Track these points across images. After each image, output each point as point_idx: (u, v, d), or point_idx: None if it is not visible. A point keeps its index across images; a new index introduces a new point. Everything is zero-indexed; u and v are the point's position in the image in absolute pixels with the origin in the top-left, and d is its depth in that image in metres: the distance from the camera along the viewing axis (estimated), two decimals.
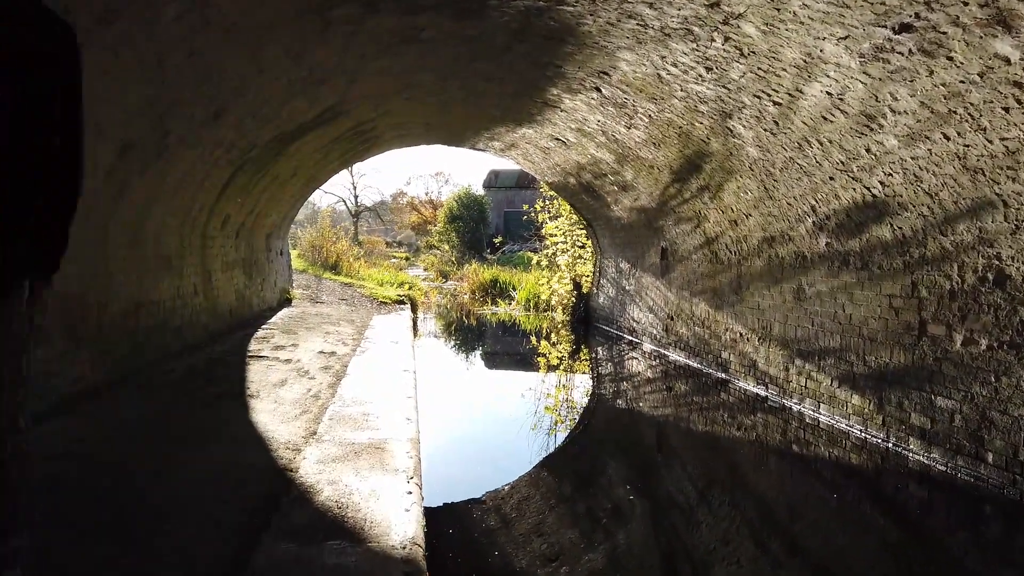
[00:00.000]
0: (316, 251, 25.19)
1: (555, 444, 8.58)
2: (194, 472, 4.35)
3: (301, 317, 12.65)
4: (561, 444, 8.61)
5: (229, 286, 10.59)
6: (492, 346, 16.62)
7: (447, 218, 41.31)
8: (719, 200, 9.94)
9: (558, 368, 13.45)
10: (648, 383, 11.97)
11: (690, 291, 11.94)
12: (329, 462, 4.58)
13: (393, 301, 16.71)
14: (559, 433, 9.09)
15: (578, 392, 11.70)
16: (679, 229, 11.95)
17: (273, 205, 12.54)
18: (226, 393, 6.43)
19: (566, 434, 9.05)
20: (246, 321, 11.34)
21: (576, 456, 8.12)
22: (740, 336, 10.20)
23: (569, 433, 9.16)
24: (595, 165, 12.68)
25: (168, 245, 8.02)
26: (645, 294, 14.11)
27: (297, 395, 6.53)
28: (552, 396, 11.24)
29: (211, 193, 8.91)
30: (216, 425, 5.43)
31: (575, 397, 11.38)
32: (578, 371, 13.40)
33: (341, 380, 7.28)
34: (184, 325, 8.44)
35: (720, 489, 7.14)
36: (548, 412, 10.08)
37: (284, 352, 8.80)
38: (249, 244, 11.87)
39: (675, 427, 9.53)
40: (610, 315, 16.43)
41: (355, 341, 10.14)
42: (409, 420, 5.75)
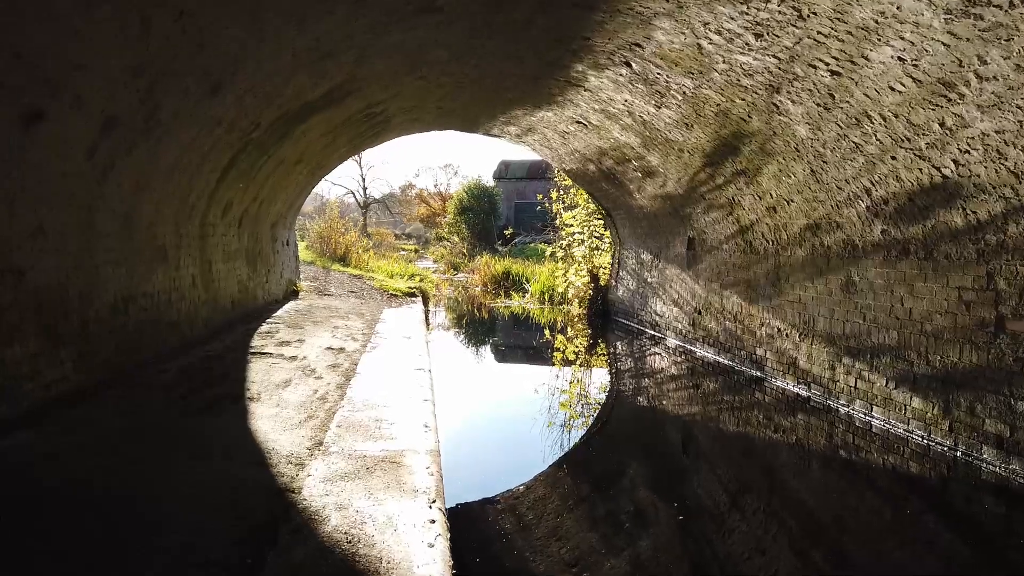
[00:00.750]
0: (324, 242, 24.61)
1: (578, 446, 7.93)
2: (179, 495, 3.71)
3: (308, 310, 12.03)
4: (585, 446, 7.96)
5: (231, 278, 9.97)
6: (508, 341, 15.96)
7: (457, 209, 40.60)
8: (756, 185, 9.22)
9: (577, 365, 12.79)
10: (673, 380, 11.30)
11: (720, 283, 11.24)
12: (337, 480, 3.94)
13: (404, 294, 16.08)
14: (581, 434, 8.44)
15: (599, 390, 11.04)
16: (709, 217, 11.23)
17: (278, 193, 11.90)
18: (223, 396, 5.80)
19: (590, 436, 8.40)
20: (250, 314, 10.73)
21: (602, 460, 7.47)
22: (778, 331, 9.50)
23: (592, 434, 8.50)
24: (618, 150, 11.97)
25: (163, 233, 7.39)
26: (669, 287, 13.42)
27: (302, 397, 5.89)
28: (572, 394, 10.58)
29: (210, 178, 8.28)
30: (210, 434, 4.80)
31: (596, 395, 10.71)
32: (598, 368, 12.73)
33: (351, 380, 6.65)
34: (181, 320, 7.82)
35: (754, 495, 6.50)
36: (568, 412, 9.42)
37: (289, 348, 8.17)
38: (253, 234, 11.24)
39: (704, 428, 8.88)
40: (630, 308, 15.74)
41: (365, 336, 9.51)
42: (427, 428, 5.10)
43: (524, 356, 13.92)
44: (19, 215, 4.72)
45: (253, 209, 10.85)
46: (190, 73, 5.82)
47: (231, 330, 9.26)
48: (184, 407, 5.40)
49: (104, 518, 3.39)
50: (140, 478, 3.92)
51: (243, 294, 10.54)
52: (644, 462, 7.57)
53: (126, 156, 5.86)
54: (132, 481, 3.87)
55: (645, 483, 6.81)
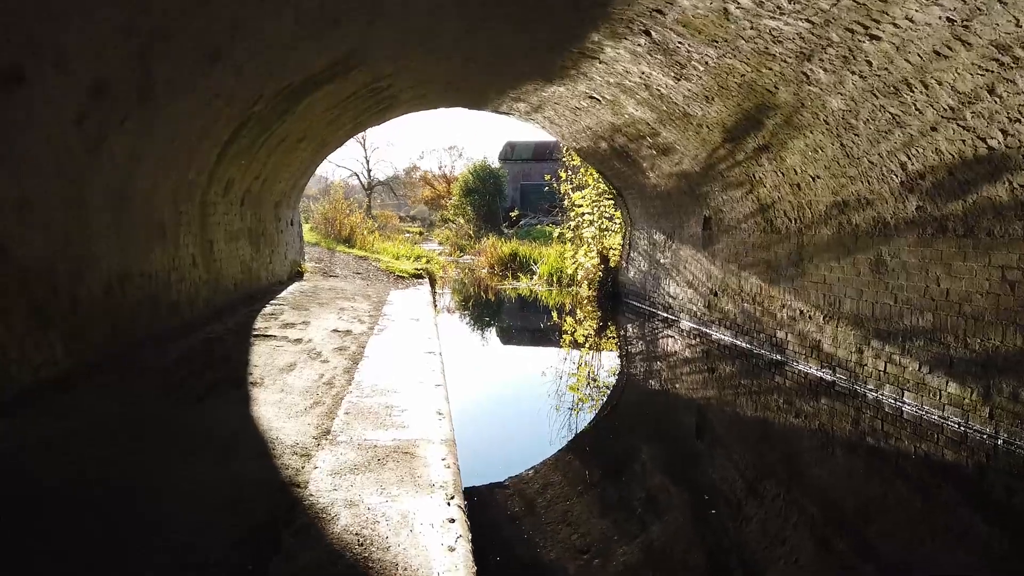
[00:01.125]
0: (329, 224, 24.23)
1: (591, 430, 7.63)
2: (176, 491, 3.40)
3: (313, 291, 11.71)
4: (599, 430, 7.66)
5: (234, 257, 9.64)
6: (517, 323, 15.63)
7: (462, 191, 40.16)
8: (780, 162, 8.83)
9: (588, 347, 12.47)
10: (687, 364, 10.98)
11: (738, 264, 10.87)
12: (346, 473, 3.62)
13: (410, 275, 15.75)
14: (593, 418, 8.13)
15: (610, 373, 10.73)
16: (726, 196, 10.85)
17: (282, 171, 11.54)
18: (224, 380, 5.48)
19: (602, 419, 8.09)
20: (253, 295, 10.41)
21: (615, 444, 7.16)
22: (800, 314, 9.15)
23: (604, 418, 8.20)
24: (632, 126, 11.56)
25: (161, 210, 7.05)
26: (683, 267, 13.05)
27: (308, 382, 5.58)
28: (583, 377, 10.27)
29: (210, 153, 7.92)
30: (209, 423, 4.48)
31: (608, 378, 10.40)
32: (609, 350, 12.41)
33: (358, 364, 6.33)
34: (181, 300, 7.50)
35: (774, 482, 6.25)
36: (579, 395, 9.12)
37: (294, 331, 7.85)
38: (256, 213, 10.90)
39: (719, 412, 8.61)
40: (642, 290, 15.38)
41: (372, 318, 9.18)
42: (441, 415, 4.78)
43: (534, 338, 13.60)
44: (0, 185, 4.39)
45: (256, 188, 10.50)
46: (185, 36, 5.45)
47: (234, 311, 8.95)
48: (183, 392, 5.09)
49: (89, 520, 3.07)
50: (134, 472, 3.61)
51: (246, 275, 10.22)
52: (658, 447, 7.31)
53: (119, 127, 5.51)
54: (125, 475, 3.56)
55: (660, 469, 6.54)
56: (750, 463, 6.79)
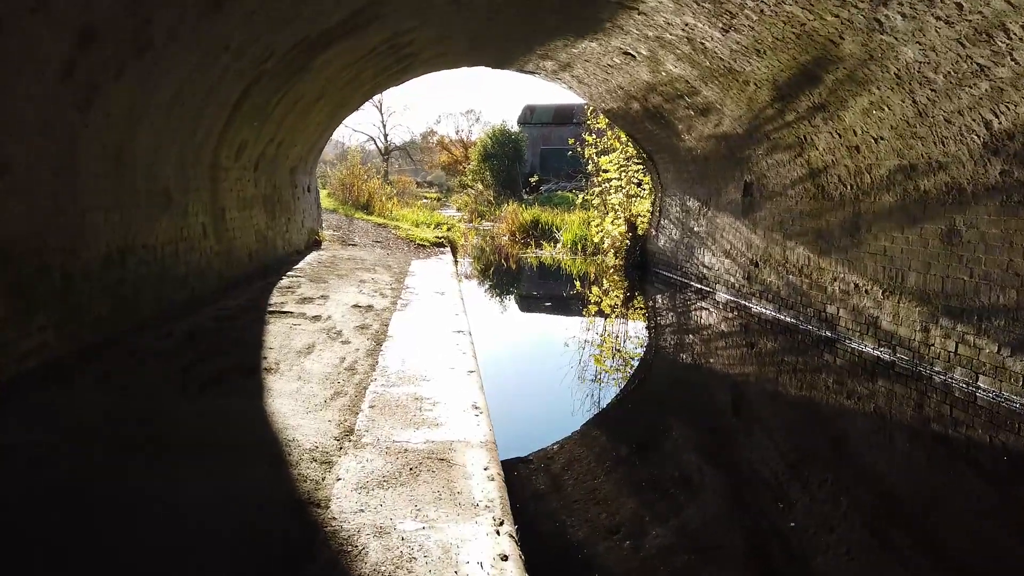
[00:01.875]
0: (347, 190, 23.66)
1: (624, 407, 7.07)
2: (165, 516, 2.86)
3: (332, 262, 11.17)
4: (632, 407, 7.10)
5: (248, 226, 9.09)
6: (542, 295, 15.02)
7: (480, 156, 39.29)
8: (837, 122, 8.08)
9: (618, 320, 11.88)
10: (724, 338, 10.37)
11: (783, 233, 10.17)
12: (374, 488, 3.07)
13: (431, 244, 15.17)
14: (625, 394, 7.56)
15: (643, 347, 10.14)
16: (772, 160, 10.10)
17: (298, 133, 10.92)
18: (235, 367, 4.95)
19: (635, 396, 7.54)
20: (269, 267, 9.89)
21: (649, 423, 6.60)
22: (855, 287, 8.47)
23: (636, 394, 7.66)
24: (670, 84, 10.79)
25: (166, 176, 6.48)
26: (720, 236, 12.35)
27: (327, 367, 5.04)
28: (615, 352, 9.70)
29: (220, 113, 7.32)
30: (216, 420, 3.95)
31: (640, 353, 9.82)
32: (640, 324, 11.82)
33: (382, 345, 5.78)
34: (190, 274, 6.97)
35: (822, 467, 5.72)
36: (611, 370, 8.55)
37: (312, 306, 7.32)
38: (271, 178, 10.32)
39: (760, 390, 8.06)
40: (672, 260, 14.70)
41: (394, 292, 8.63)
42: (477, 410, 4.22)
43: (561, 311, 12.99)
44: None
45: (270, 151, 9.90)
46: None
47: (248, 285, 8.42)
48: (187, 382, 4.56)
49: (58, 558, 2.55)
50: (121, 485, 3.09)
51: (261, 244, 9.68)
52: (694, 425, 6.80)
53: (114, 81, 4.91)
54: (110, 489, 3.04)
55: (695, 448, 6.03)
56: (794, 446, 6.27)
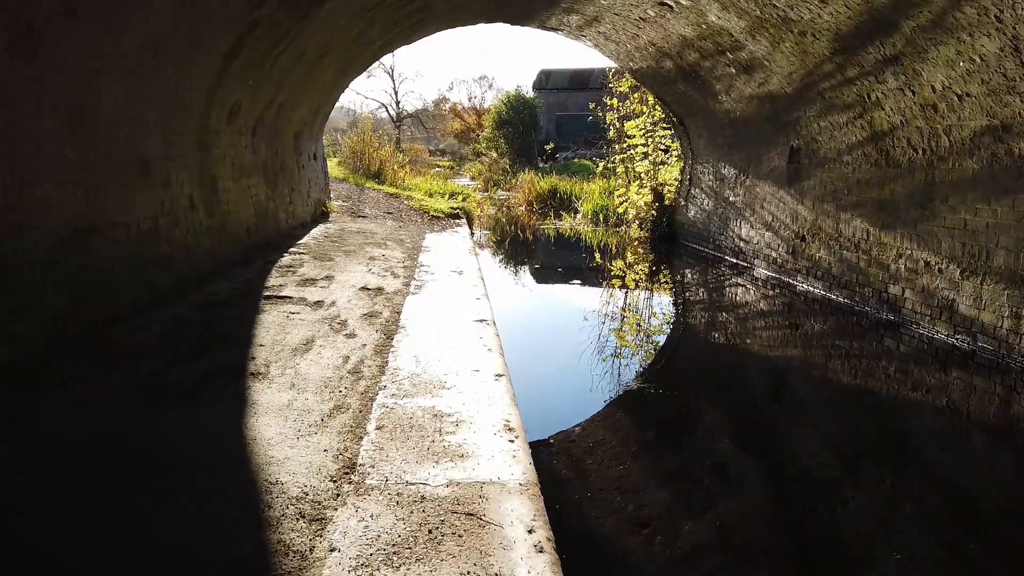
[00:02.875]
0: (357, 158, 22.67)
1: (653, 390, 6.22)
2: None
3: (339, 236, 10.31)
4: (660, 389, 6.24)
5: (245, 198, 8.22)
6: (564, 270, 14.06)
7: (495, 123, 38.13)
8: (912, 77, 7.05)
9: (649, 297, 10.98)
10: (763, 318, 9.51)
11: (836, 203, 9.18)
12: (379, 566, 2.23)
13: (446, 215, 14.27)
14: (657, 376, 6.70)
15: (674, 326, 9.26)
16: (825, 122, 9.07)
17: (302, 94, 9.98)
18: (217, 371, 4.10)
19: (667, 378, 6.67)
20: (270, 242, 9.03)
21: (683, 408, 5.76)
22: (925, 266, 7.51)
23: (670, 376, 6.80)
24: (710, 38, 9.74)
25: (141, 140, 5.59)
26: (760, 207, 11.36)
27: (327, 370, 4.20)
28: (647, 331, 8.83)
29: (208, 67, 6.41)
30: (186, 448, 3.11)
31: (671, 332, 8.96)
32: (671, 300, 10.93)
33: (392, 339, 4.93)
34: (175, 253, 6.12)
35: (880, 464, 5.03)
36: (642, 352, 7.67)
37: (314, 289, 6.47)
38: (271, 144, 9.41)
39: (805, 376, 7.39)
40: (704, 232, 13.72)
41: (407, 270, 7.77)
42: (511, 432, 3.36)
43: (585, 287, 12.04)
44: None
45: (270, 115, 8.99)
46: None
47: (245, 264, 7.57)
48: (158, 392, 3.72)
49: None
50: (51, 556, 2.26)
51: (261, 218, 8.82)
52: (733, 412, 6.11)
53: (63, 21, 4.01)
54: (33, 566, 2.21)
55: (734, 437, 5.39)
56: (847, 439, 5.53)
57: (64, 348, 4.32)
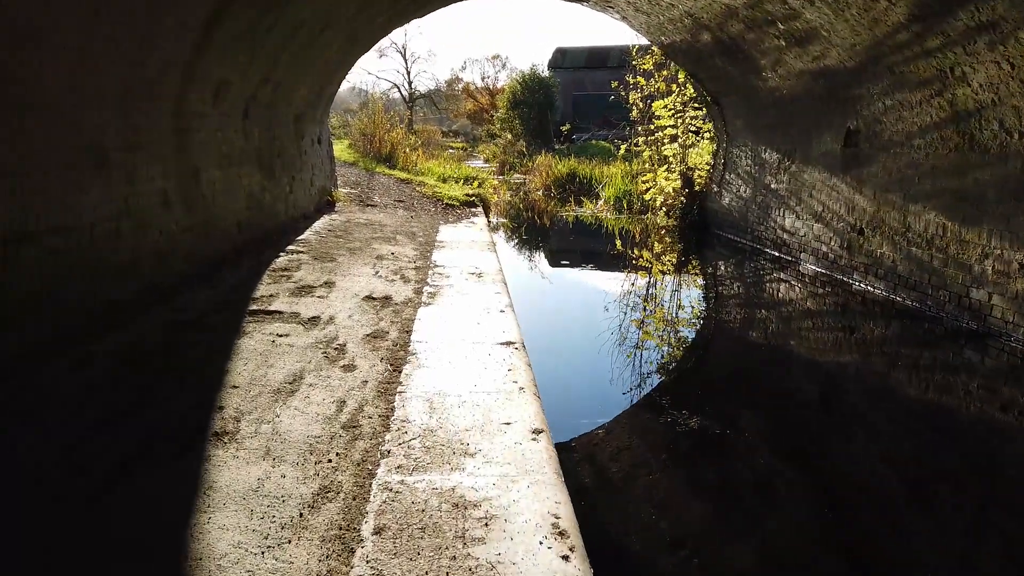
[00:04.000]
0: (368, 140, 21.64)
1: (694, 395, 5.25)
2: None
3: (345, 230, 9.34)
4: (699, 394, 5.27)
5: (235, 189, 7.25)
6: (587, 263, 13.02)
7: (509, 103, 36.85)
8: (1012, 46, 5.95)
9: (682, 293, 9.96)
10: (811, 318, 8.57)
11: (903, 193, 8.10)
12: None
13: (461, 203, 13.25)
14: (698, 381, 5.72)
15: (714, 327, 8.28)
16: (893, 100, 7.97)
17: (302, 72, 8.98)
18: (165, 432, 3.14)
19: (707, 382, 5.69)
20: (266, 238, 8.08)
21: (723, 414, 4.79)
22: (1020, 268, 6.46)
23: (711, 381, 5.81)
24: (759, 6, 8.63)
25: (96, 124, 4.61)
26: (808, 195, 10.27)
27: (316, 425, 3.25)
28: (680, 333, 7.82)
29: (182, 36, 5.42)
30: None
31: (710, 332, 7.98)
32: (708, 297, 9.92)
33: (401, 372, 3.98)
34: (141, 259, 5.15)
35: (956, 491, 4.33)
36: (681, 357, 6.69)
37: (310, 301, 5.52)
38: (268, 129, 8.44)
39: (863, 386, 6.43)
40: (740, 221, 12.65)
41: (419, 272, 6.81)
42: (565, 541, 2.39)
43: (610, 282, 11.02)
44: None
45: (265, 95, 8.00)
46: None
47: (233, 266, 6.62)
48: (76, 470, 2.78)
49: None
50: None
51: (255, 211, 7.86)
52: (777, 422, 5.41)
53: None
54: None
55: (787, 453, 4.77)
56: (915, 460, 4.78)
57: None
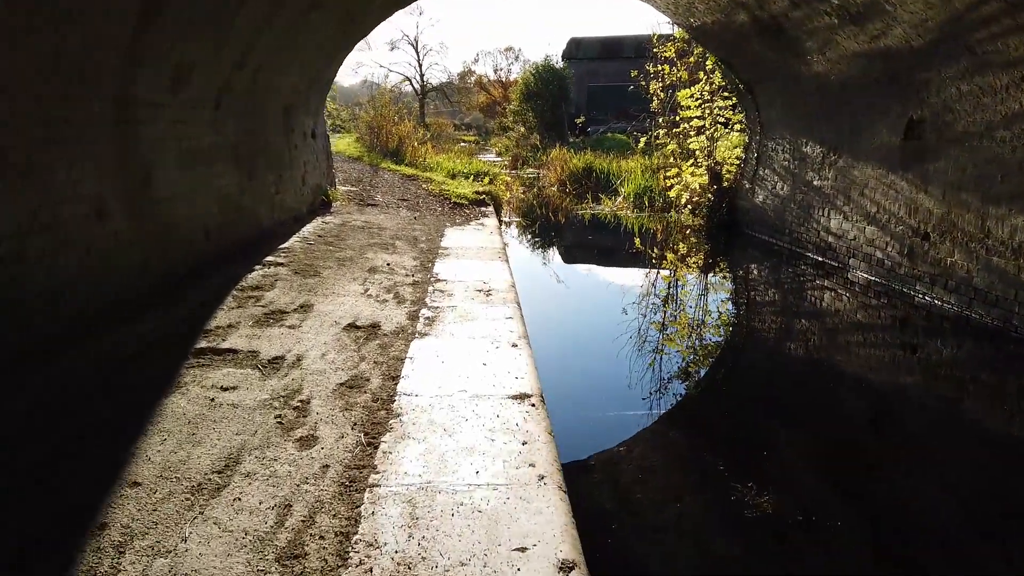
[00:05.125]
0: (375, 134, 20.60)
1: (731, 415, 4.18)
2: None
3: (337, 234, 8.30)
4: (739, 413, 4.20)
5: (202, 191, 6.22)
6: (612, 268, 11.90)
7: (522, 95, 35.70)
8: None
9: (717, 303, 8.85)
10: (862, 333, 7.48)
11: (980, 193, 6.95)
12: None
13: (470, 201, 12.19)
14: (736, 399, 4.64)
15: (752, 340, 7.14)
16: (971, 85, 6.82)
17: (289, 57, 7.93)
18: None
19: (749, 404, 4.62)
20: (244, 246, 7.05)
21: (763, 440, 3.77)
22: None
23: (751, 401, 4.74)
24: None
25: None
26: (860, 194, 9.13)
27: (239, 556, 2.21)
28: (716, 346, 6.72)
29: (116, 6, 4.37)
30: None
31: (747, 346, 6.84)
32: (743, 305, 8.82)
33: (379, 446, 2.94)
34: (61, 288, 4.09)
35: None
36: (718, 373, 5.61)
37: (277, 332, 4.47)
38: (247, 120, 7.40)
39: (930, 416, 5.42)
40: (777, 221, 11.50)
41: (416, 289, 5.75)
42: None
43: (635, 291, 9.92)
44: None
45: (242, 81, 6.95)
46: None
47: (195, 284, 5.58)
48: None
49: None
50: None
51: (230, 216, 6.82)
52: (827, 453, 4.60)
53: None
54: None
55: None
56: (987, 495, 4.00)
57: None
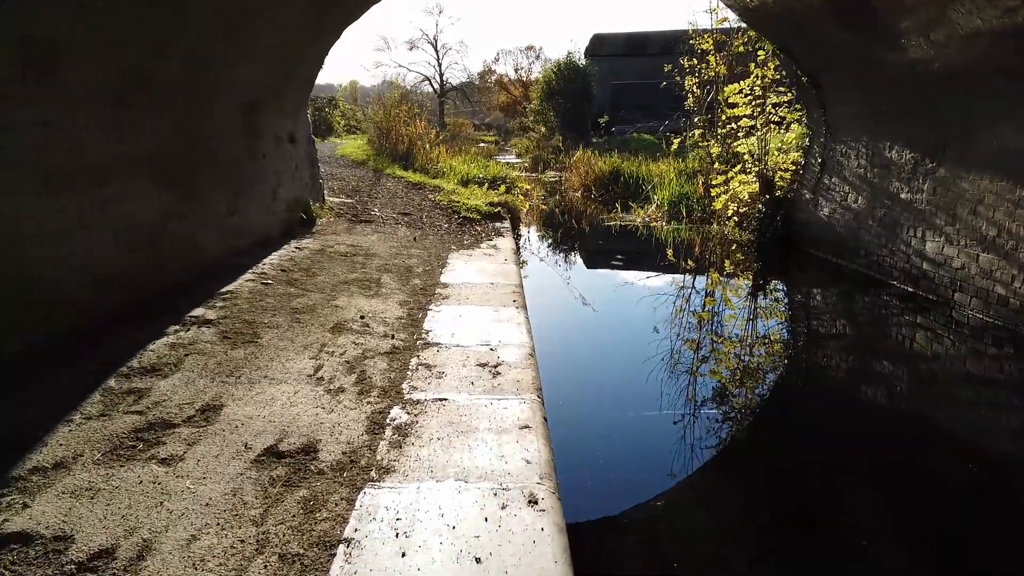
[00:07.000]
0: (383, 136, 18.80)
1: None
2: None
3: (308, 268, 6.53)
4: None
5: (93, 223, 4.46)
6: (652, 298, 9.97)
7: (543, 94, 33.95)
8: None
9: (781, 348, 6.95)
10: (976, 387, 5.70)
11: None
12: None
13: (483, 215, 10.38)
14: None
15: (833, 396, 5.25)
16: None
17: (245, 42, 6.18)
18: None
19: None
20: (165, 292, 5.28)
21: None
22: None
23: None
24: None
25: None
26: (970, 212, 7.20)
27: None
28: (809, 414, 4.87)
29: None
30: None
31: (829, 406, 4.96)
32: (811, 346, 6.92)
33: None
34: None
35: None
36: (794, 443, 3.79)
37: (130, 481, 2.70)
38: (183, 121, 5.65)
39: None
40: (849, 240, 9.57)
41: (393, 365, 3.96)
42: None
43: (682, 326, 8.01)
44: None
45: (169, 69, 5.20)
46: None
47: (53, 371, 3.81)
48: None
49: None
50: None
51: (143, 253, 5.05)
52: None
53: None
54: None
55: None
56: None
57: None
